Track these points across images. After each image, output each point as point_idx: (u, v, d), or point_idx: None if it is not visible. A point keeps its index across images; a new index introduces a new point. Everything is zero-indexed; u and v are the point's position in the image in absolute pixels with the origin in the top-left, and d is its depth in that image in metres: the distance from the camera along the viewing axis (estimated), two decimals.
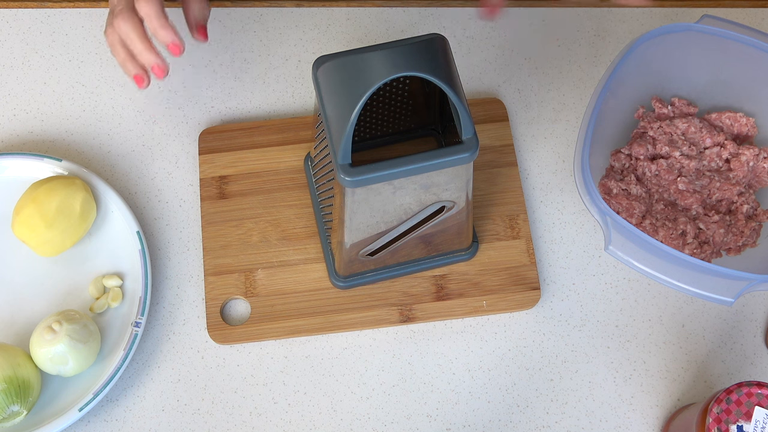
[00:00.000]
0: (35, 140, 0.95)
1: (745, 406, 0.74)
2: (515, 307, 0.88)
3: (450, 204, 0.80)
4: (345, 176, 0.73)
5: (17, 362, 0.81)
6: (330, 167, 0.77)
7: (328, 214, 0.85)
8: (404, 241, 0.83)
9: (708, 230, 0.87)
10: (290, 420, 0.85)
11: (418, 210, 0.80)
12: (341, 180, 0.73)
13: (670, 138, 0.90)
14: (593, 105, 0.82)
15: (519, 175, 0.93)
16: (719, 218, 0.88)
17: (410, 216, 0.80)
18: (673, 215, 0.88)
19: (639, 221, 0.87)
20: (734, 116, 0.92)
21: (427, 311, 0.88)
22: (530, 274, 0.89)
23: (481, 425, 0.86)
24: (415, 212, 0.80)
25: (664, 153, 0.90)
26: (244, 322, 0.87)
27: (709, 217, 0.88)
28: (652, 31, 0.86)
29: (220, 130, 0.94)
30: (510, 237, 0.91)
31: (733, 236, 0.88)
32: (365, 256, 0.84)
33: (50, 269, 0.89)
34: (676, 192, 0.89)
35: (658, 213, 0.88)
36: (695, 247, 0.87)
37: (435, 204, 0.80)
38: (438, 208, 0.80)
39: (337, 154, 0.73)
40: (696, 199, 0.88)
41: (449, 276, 0.89)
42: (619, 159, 0.91)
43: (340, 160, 0.73)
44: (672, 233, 0.87)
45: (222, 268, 0.89)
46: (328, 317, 0.87)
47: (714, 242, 0.87)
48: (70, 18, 1.00)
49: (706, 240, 0.88)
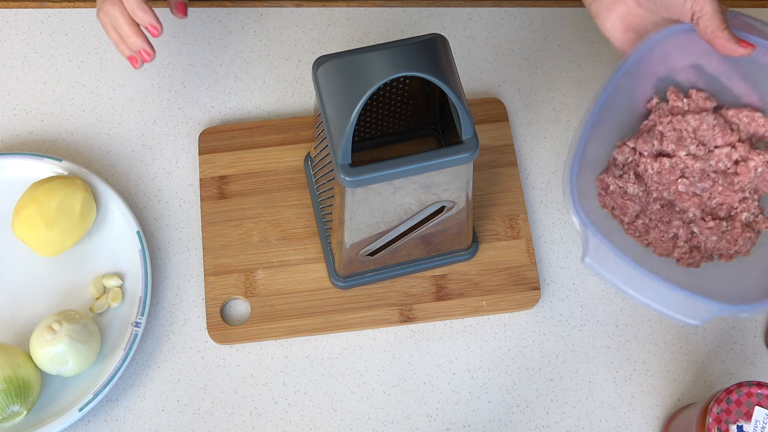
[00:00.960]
0: (35, 140, 0.95)
1: (745, 406, 0.74)
2: (515, 307, 0.88)
3: (450, 204, 0.80)
4: (345, 176, 0.73)
5: (17, 362, 0.81)
6: (330, 167, 0.77)
7: (328, 214, 0.85)
8: (404, 241, 0.83)
9: (701, 235, 0.87)
10: (290, 420, 0.85)
11: (418, 210, 0.80)
12: (341, 180, 0.73)
13: (680, 135, 0.90)
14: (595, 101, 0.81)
15: (519, 175, 0.93)
16: (714, 224, 0.87)
17: (410, 216, 0.80)
18: (667, 217, 0.88)
19: (632, 220, 0.87)
20: (752, 115, 0.90)
21: (427, 311, 0.88)
22: (530, 274, 0.89)
23: (481, 425, 0.86)
24: (415, 212, 0.80)
25: (670, 151, 0.89)
26: (244, 322, 0.87)
27: (705, 222, 0.88)
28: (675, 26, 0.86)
29: (220, 130, 0.94)
30: (510, 237, 0.91)
31: (726, 243, 0.87)
32: (365, 256, 0.84)
33: (50, 269, 0.89)
34: (675, 193, 0.89)
35: (653, 213, 0.88)
36: (685, 251, 0.86)
37: (435, 204, 0.80)
38: (438, 208, 0.80)
39: (337, 154, 0.73)
40: (694, 202, 0.88)
41: (449, 276, 0.89)
42: (623, 152, 0.90)
43: (340, 160, 0.73)
44: (663, 236, 0.86)
45: (222, 268, 0.89)
46: (328, 317, 0.87)
47: (705, 248, 0.87)
48: (70, 18, 1.00)
49: (697, 245, 0.87)
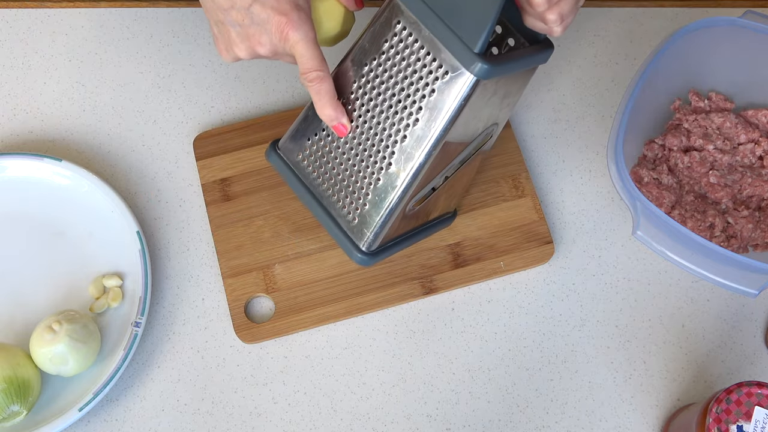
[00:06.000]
0: (35, 140, 0.95)
1: (745, 406, 0.74)
2: (532, 263, 0.89)
3: (493, 132, 0.79)
4: (482, 64, 0.68)
5: (17, 362, 0.81)
6: (419, 82, 0.73)
7: (385, 158, 0.77)
8: (446, 183, 0.81)
9: (736, 225, 0.88)
10: (290, 420, 0.85)
11: (481, 131, 0.78)
12: (478, 71, 0.69)
13: (705, 131, 0.91)
14: (630, 93, 0.82)
15: (514, 136, 0.94)
16: (748, 213, 0.88)
17: (471, 141, 0.78)
18: (702, 207, 0.88)
19: (668, 211, 0.88)
20: None
21: (448, 280, 0.89)
22: (541, 229, 0.90)
23: (481, 425, 0.86)
24: (475, 137, 0.78)
25: (698, 146, 0.90)
26: (270, 318, 0.87)
27: (739, 211, 0.88)
28: (692, 24, 0.86)
29: (213, 134, 0.94)
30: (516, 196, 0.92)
31: (761, 232, 0.88)
32: (411, 210, 0.81)
33: (50, 269, 0.89)
34: (707, 185, 0.90)
35: (688, 204, 0.89)
36: (722, 240, 0.87)
37: (491, 127, 0.78)
38: (486, 136, 0.79)
39: (469, 43, 0.68)
40: (726, 193, 0.89)
41: (463, 243, 0.90)
42: (653, 149, 0.91)
43: (479, 48, 0.68)
44: (700, 225, 0.87)
45: (239, 268, 0.89)
46: (353, 300, 0.88)
47: (742, 237, 0.88)
48: (70, 18, 1.00)
49: (733, 234, 0.88)
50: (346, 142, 0.78)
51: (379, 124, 0.76)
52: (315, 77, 0.74)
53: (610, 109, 0.97)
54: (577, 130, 0.97)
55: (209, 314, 0.89)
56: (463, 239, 0.90)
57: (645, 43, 1.00)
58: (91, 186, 0.90)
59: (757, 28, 0.86)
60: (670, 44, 0.85)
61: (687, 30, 0.86)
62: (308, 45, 0.73)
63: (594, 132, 0.96)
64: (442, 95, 0.72)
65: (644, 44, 1.00)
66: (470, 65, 0.70)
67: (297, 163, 0.83)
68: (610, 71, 0.99)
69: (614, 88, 0.98)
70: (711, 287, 0.90)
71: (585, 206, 0.93)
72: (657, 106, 0.92)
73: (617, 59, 1.00)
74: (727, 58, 0.91)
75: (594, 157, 0.95)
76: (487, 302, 0.90)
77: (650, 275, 0.91)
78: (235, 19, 0.73)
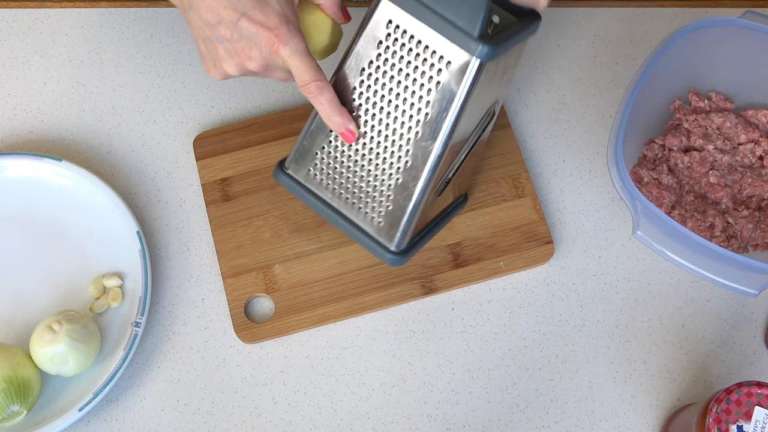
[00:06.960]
0: (35, 140, 0.95)
1: (745, 406, 0.74)
2: (532, 263, 0.89)
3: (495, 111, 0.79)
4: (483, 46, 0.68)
5: (17, 362, 0.81)
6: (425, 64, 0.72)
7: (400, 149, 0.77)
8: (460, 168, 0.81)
9: (736, 225, 0.88)
10: (290, 420, 0.85)
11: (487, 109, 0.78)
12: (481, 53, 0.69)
13: (705, 131, 0.91)
14: (630, 93, 0.82)
15: (514, 136, 0.94)
16: (749, 213, 0.88)
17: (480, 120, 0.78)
18: (702, 207, 0.89)
19: (668, 211, 0.88)
20: None
21: (448, 280, 0.89)
22: (541, 229, 0.90)
23: (481, 425, 0.86)
24: (482, 116, 0.78)
25: (698, 146, 0.90)
26: (270, 318, 0.87)
27: (739, 211, 0.89)
28: (692, 24, 0.86)
29: (213, 134, 0.94)
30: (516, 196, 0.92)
31: (761, 232, 0.88)
32: (434, 197, 0.81)
33: (50, 269, 0.89)
34: (707, 185, 0.90)
35: (688, 204, 0.89)
36: (722, 240, 0.87)
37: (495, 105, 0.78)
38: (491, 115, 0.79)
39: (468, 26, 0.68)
40: (726, 193, 0.89)
41: (463, 243, 0.90)
42: (653, 149, 0.91)
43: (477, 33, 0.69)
44: (700, 225, 0.87)
45: (239, 268, 0.89)
46: (353, 300, 0.88)
47: (742, 237, 0.88)
48: (70, 18, 1.00)
49: (733, 234, 0.88)
50: (357, 149, 0.78)
51: (388, 126, 0.76)
52: (315, 87, 0.74)
53: (610, 109, 0.97)
54: (577, 130, 0.97)
55: (209, 314, 0.89)
56: (463, 239, 0.90)
57: (645, 43, 1.00)
58: (91, 186, 0.90)
59: (757, 28, 0.86)
60: (670, 44, 0.85)
61: (687, 30, 0.86)
62: (302, 56, 0.73)
63: (594, 132, 0.96)
64: (449, 85, 0.72)
65: (644, 44, 1.00)
66: (473, 50, 0.70)
67: (309, 178, 0.83)
68: (610, 71, 0.99)
69: (614, 88, 0.98)
70: (711, 287, 0.90)
71: (585, 206, 0.93)
72: (657, 106, 0.92)
73: (617, 59, 1.00)
74: (727, 58, 0.91)
75: (594, 157, 0.95)
76: (487, 302, 0.90)
77: (650, 275, 0.91)
78: (222, 35, 0.72)
